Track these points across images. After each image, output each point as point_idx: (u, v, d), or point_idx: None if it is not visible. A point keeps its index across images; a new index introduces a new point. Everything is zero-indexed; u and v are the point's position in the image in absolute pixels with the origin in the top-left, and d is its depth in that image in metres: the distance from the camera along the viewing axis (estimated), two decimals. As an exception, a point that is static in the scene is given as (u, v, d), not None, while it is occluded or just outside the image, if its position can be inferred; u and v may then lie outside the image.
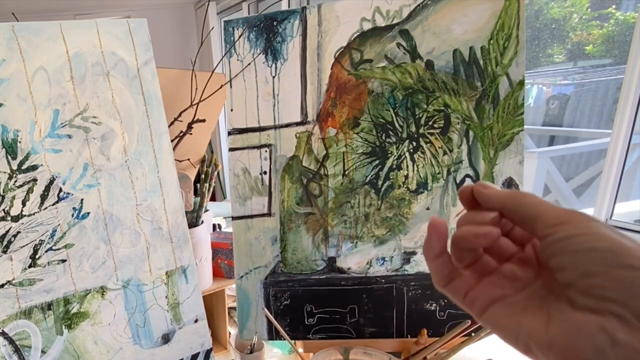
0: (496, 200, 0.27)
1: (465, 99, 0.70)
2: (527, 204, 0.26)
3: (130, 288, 0.69)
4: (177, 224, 0.71)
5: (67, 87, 0.63)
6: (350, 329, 0.77)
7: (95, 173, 0.65)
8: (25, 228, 0.62)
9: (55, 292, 0.65)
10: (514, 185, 0.70)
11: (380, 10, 0.70)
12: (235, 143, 0.76)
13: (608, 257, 0.21)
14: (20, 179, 0.62)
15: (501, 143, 0.70)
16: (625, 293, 0.21)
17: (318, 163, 0.74)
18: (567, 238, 0.23)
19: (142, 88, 0.68)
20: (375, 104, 0.72)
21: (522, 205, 0.26)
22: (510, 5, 0.66)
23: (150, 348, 0.70)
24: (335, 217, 0.75)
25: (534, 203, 0.26)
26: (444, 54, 0.69)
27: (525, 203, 0.26)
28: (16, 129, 0.61)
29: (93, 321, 0.67)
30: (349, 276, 0.76)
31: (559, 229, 0.24)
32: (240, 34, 0.74)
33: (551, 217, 0.25)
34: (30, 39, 0.61)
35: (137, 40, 0.67)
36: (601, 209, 1.67)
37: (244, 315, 0.79)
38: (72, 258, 0.65)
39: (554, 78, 2.66)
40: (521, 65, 0.67)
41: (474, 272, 0.28)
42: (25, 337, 0.63)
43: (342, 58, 0.72)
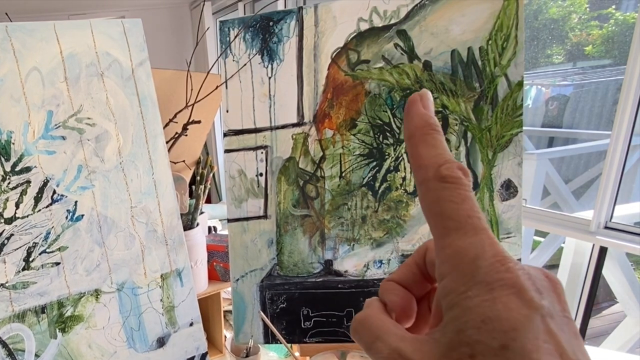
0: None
1: (464, 100, 0.69)
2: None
3: (124, 291, 0.68)
4: (172, 227, 0.70)
5: (61, 88, 0.63)
6: (347, 332, 0.76)
7: (90, 175, 0.65)
8: (18, 230, 0.62)
9: (49, 295, 0.64)
10: (512, 187, 0.70)
11: (377, 11, 0.69)
12: (231, 144, 0.75)
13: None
14: (13, 180, 0.61)
15: (500, 144, 0.69)
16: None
17: (315, 165, 0.74)
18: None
19: (137, 89, 0.67)
20: (372, 105, 0.71)
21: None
22: (508, 6, 0.66)
23: (145, 352, 0.70)
24: (332, 220, 0.74)
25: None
26: (442, 55, 0.69)
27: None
28: (9, 131, 0.60)
29: (87, 324, 0.66)
30: (345, 279, 0.75)
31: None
32: (236, 35, 0.73)
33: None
34: (23, 40, 0.61)
35: (132, 40, 0.66)
36: (601, 211, 1.67)
37: (239, 318, 0.78)
38: (66, 261, 0.64)
39: (553, 79, 2.66)
40: (520, 66, 0.67)
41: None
42: (18, 340, 0.63)
43: (339, 59, 0.71)
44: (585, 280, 1.85)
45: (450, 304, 0.19)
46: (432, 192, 0.21)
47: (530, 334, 0.17)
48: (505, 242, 0.71)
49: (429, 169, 0.22)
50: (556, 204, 2.52)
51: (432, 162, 0.22)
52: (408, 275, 0.25)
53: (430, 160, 0.22)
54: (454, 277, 0.20)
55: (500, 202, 0.70)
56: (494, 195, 0.70)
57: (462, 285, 0.19)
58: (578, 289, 1.89)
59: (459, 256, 0.20)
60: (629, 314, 2.05)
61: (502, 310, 0.17)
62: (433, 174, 0.21)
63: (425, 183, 0.22)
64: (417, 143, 0.22)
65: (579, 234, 1.75)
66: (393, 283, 0.25)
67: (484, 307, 0.18)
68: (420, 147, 0.22)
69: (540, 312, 0.17)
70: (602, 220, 1.68)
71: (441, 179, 0.21)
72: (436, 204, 0.21)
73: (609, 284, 2.05)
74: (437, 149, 0.22)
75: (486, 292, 0.18)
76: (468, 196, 0.21)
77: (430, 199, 0.21)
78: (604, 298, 2.56)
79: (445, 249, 0.20)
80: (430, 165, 0.22)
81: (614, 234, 1.64)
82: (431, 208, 0.21)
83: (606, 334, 2.20)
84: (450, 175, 0.21)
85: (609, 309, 2.65)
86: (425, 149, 0.22)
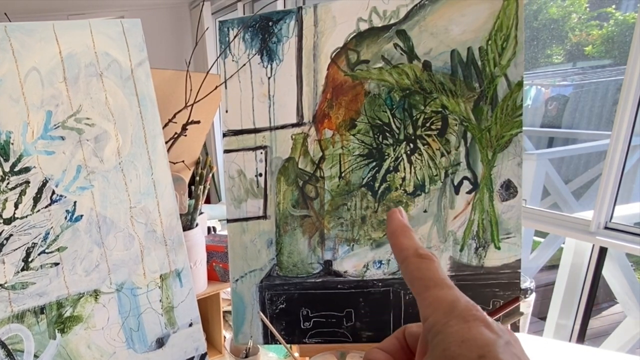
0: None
1: (463, 100, 0.69)
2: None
3: (124, 292, 0.68)
4: (172, 227, 0.70)
5: (60, 88, 0.63)
6: (347, 332, 0.76)
7: (89, 175, 0.65)
8: (17, 231, 0.62)
9: (48, 295, 0.64)
10: (512, 188, 0.70)
11: (377, 11, 0.69)
12: (230, 145, 0.75)
13: None
14: (12, 181, 0.61)
15: (499, 145, 0.69)
16: None
17: (314, 165, 0.74)
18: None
19: (136, 89, 0.67)
20: (372, 105, 0.71)
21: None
22: (508, 6, 0.66)
23: (144, 352, 0.69)
24: (332, 220, 0.74)
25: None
26: (442, 55, 0.69)
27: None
28: (8, 131, 0.60)
29: (86, 325, 0.66)
30: (345, 279, 0.75)
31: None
32: (235, 35, 0.73)
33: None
34: (22, 40, 0.60)
35: (131, 40, 0.66)
36: (601, 212, 1.66)
37: (239, 319, 0.78)
38: (65, 261, 0.64)
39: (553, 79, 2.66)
40: (520, 66, 0.67)
41: None
42: (17, 341, 0.63)
43: (338, 59, 0.71)
44: (585, 281, 1.85)
45: (435, 333, 0.25)
46: (414, 265, 0.29)
47: (500, 348, 0.23)
48: (505, 243, 0.71)
49: (409, 250, 0.29)
50: (556, 204, 2.52)
51: (411, 246, 0.30)
52: (391, 347, 0.32)
53: (409, 245, 0.30)
54: (436, 315, 0.26)
55: (500, 202, 0.70)
56: (493, 195, 0.70)
57: (443, 319, 0.25)
58: (578, 289, 1.89)
59: (440, 300, 0.27)
60: (629, 314, 2.05)
61: (476, 334, 0.24)
62: (412, 253, 0.29)
63: (407, 259, 0.29)
64: (399, 236, 0.31)
65: (578, 235, 1.75)
66: (379, 350, 0.32)
67: (462, 332, 0.24)
68: (401, 238, 0.31)
69: (504, 339, 0.24)
70: (602, 221, 1.68)
71: (419, 256, 0.29)
72: (418, 271, 0.28)
73: (608, 284, 2.05)
74: (413, 240, 0.30)
75: (463, 323, 0.25)
76: (440, 267, 0.29)
77: (412, 268, 0.29)
78: (604, 298, 2.56)
79: (427, 299, 0.27)
80: (409, 248, 0.30)
81: (614, 235, 1.64)
82: (414, 274, 0.29)
83: (606, 335, 2.20)
84: (425, 254, 0.29)
85: (608, 309, 2.65)
86: (405, 239, 0.30)
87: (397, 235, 0.31)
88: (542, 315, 2.20)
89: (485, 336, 0.24)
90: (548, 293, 2.08)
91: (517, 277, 0.71)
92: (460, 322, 0.25)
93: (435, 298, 0.27)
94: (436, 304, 0.27)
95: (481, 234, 0.71)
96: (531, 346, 0.88)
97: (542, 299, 2.13)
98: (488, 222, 0.71)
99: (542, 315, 2.18)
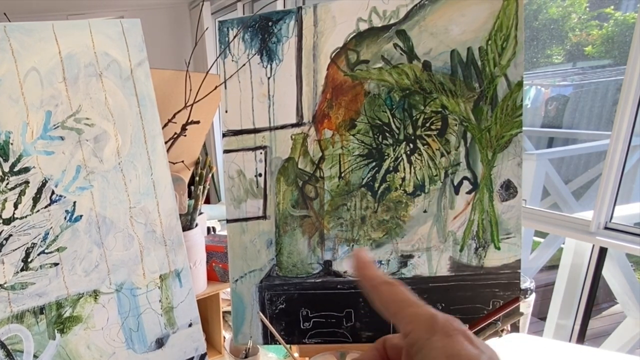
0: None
1: (463, 100, 0.69)
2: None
3: (123, 292, 0.68)
4: (171, 227, 0.70)
5: (59, 88, 0.62)
6: (347, 333, 0.76)
7: (88, 175, 0.65)
8: (17, 231, 0.62)
9: (47, 296, 0.64)
10: (512, 188, 0.70)
11: (376, 11, 0.69)
12: (230, 145, 0.75)
13: None
14: (12, 181, 0.61)
15: (499, 145, 0.69)
16: None
17: (314, 165, 0.74)
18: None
19: (136, 89, 0.67)
20: (371, 105, 0.71)
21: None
22: (508, 6, 0.66)
23: (144, 353, 0.69)
24: (331, 220, 0.74)
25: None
26: (442, 55, 0.68)
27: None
28: (8, 131, 0.60)
29: (86, 325, 0.66)
30: (345, 280, 0.75)
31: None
32: (235, 35, 0.73)
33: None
34: (22, 40, 0.60)
35: (131, 40, 0.66)
36: (601, 212, 1.66)
37: (238, 319, 0.78)
38: (65, 261, 0.64)
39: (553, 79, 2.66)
40: (519, 66, 0.67)
41: None
42: (17, 341, 0.63)
43: (338, 59, 0.71)
44: (585, 281, 1.84)
45: (419, 348, 0.26)
46: (384, 290, 0.31)
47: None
48: (505, 243, 0.71)
49: (378, 279, 0.31)
50: (556, 205, 2.52)
51: (378, 276, 0.32)
52: (371, 358, 0.33)
53: (377, 275, 0.32)
54: (417, 331, 0.27)
55: (500, 202, 0.70)
56: (493, 195, 0.70)
57: (425, 334, 0.26)
58: (578, 289, 1.89)
59: (418, 317, 0.28)
60: (629, 314, 2.05)
61: (461, 349, 0.25)
62: (380, 281, 0.31)
63: (378, 287, 0.31)
64: (366, 268, 0.32)
65: (578, 235, 1.75)
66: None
67: (446, 347, 0.25)
68: (368, 270, 0.32)
69: (487, 354, 0.25)
70: (602, 221, 1.67)
71: (387, 283, 0.31)
72: (390, 295, 0.30)
73: (608, 284, 2.05)
74: (379, 271, 0.32)
75: (446, 338, 0.26)
76: (407, 290, 0.30)
77: (385, 294, 0.30)
78: (604, 299, 2.56)
79: (406, 317, 0.28)
80: (377, 277, 0.31)
81: (614, 235, 1.64)
82: (387, 298, 0.30)
83: (606, 335, 2.20)
84: (392, 281, 0.31)
85: (608, 309, 2.65)
86: (371, 270, 0.32)
87: (364, 268, 0.33)
88: (542, 316, 2.20)
89: (469, 352, 0.25)
90: (548, 293, 2.08)
91: (517, 277, 0.71)
92: (444, 338, 0.26)
93: (414, 315, 0.28)
94: (416, 321, 0.28)
95: (481, 234, 0.71)
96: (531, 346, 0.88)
97: (542, 299, 2.13)
98: (488, 222, 0.71)
99: (542, 315, 2.18)
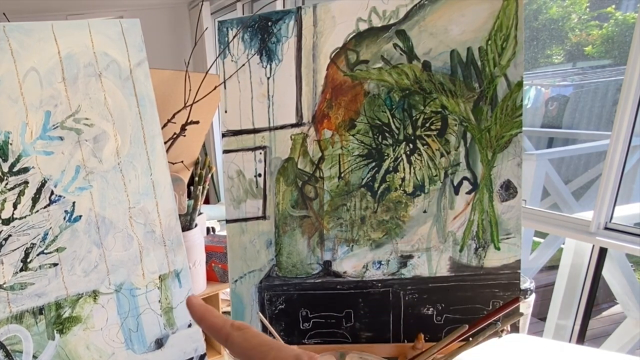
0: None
1: (463, 101, 0.69)
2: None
3: (122, 292, 0.68)
4: (171, 227, 0.70)
5: (58, 89, 0.62)
6: (346, 333, 0.76)
7: (88, 175, 0.65)
8: (16, 231, 0.61)
9: (46, 296, 0.64)
10: (512, 188, 0.70)
11: (376, 11, 0.69)
12: (229, 145, 0.75)
13: None
14: (11, 181, 0.61)
15: (499, 145, 0.69)
16: None
17: (313, 165, 0.73)
18: None
19: (135, 89, 0.67)
20: (371, 105, 0.71)
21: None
22: (508, 6, 0.66)
23: (143, 353, 0.69)
24: (331, 220, 0.74)
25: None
26: (442, 55, 0.68)
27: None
28: (7, 131, 0.60)
29: (85, 326, 0.66)
30: (344, 280, 0.75)
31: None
32: (235, 35, 0.73)
33: None
34: (21, 40, 0.60)
35: (130, 40, 0.66)
36: (600, 212, 1.66)
37: (238, 319, 0.78)
38: (64, 262, 0.64)
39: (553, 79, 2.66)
40: (519, 66, 0.67)
41: None
42: (16, 342, 0.62)
43: (337, 59, 0.71)
44: (585, 281, 1.85)
45: None
46: (239, 337, 0.30)
47: None
48: (505, 243, 0.71)
49: (225, 328, 0.31)
50: (556, 205, 2.52)
51: (223, 324, 0.31)
52: None
53: (223, 322, 0.31)
54: None
55: (499, 202, 0.70)
56: (493, 195, 0.70)
57: None
58: (578, 290, 1.89)
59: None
60: (629, 315, 2.05)
61: None
62: (231, 329, 0.30)
63: (230, 337, 0.30)
64: (207, 318, 0.32)
65: (578, 235, 1.75)
66: None
67: None
68: (211, 320, 0.32)
69: None
70: (602, 221, 1.67)
71: (238, 328, 0.30)
72: (246, 342, 0.30)
73: (608, 285, 2.05)
74: (221, 318, 0.32)
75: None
76: (260, 332, 0.31)
77: (240, 341, 0.30)
78: (604, 299, 2.56)
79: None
80: (225, 325, 0.31)
81: (614, 235, 1.64)
82: (244, 346, 0.30)
83: (606, 335, 2.20)
84: (242, 325, 0.31)
85: (608, 310, 2.65)
86: (215, 319, 0.32)
87: (207, 318, 0.32)
88: (542, 316, 2.20)
89: None
90: (548, 294, 2.08)
91: (516, 278, 0.71)
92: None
93: (279, 359, 0.28)
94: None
95: (481, 235, 0.71)
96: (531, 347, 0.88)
97: (542, 300, 2.13)
98: (488, 222, 0.71)
99: (542, 315, 2.18)
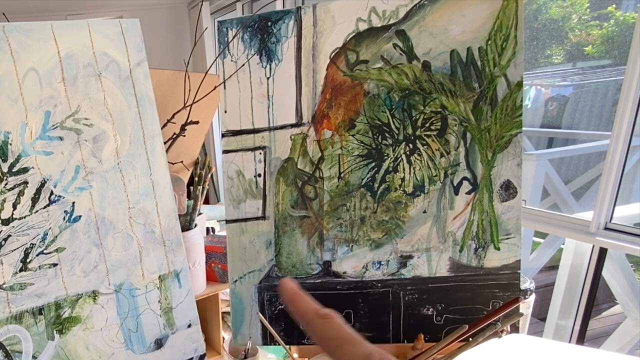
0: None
1: (463, 101, 0.69)
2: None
3: (122, 292, 0.68)
4: (170, 228, 0.70)
5: (58, 89, 0.62)
6: (346, 333, 0.76)
7: (87, 176, 0.65)
8: (16, 231, 0.61)
9: (46, 296, 0.64)
10: (512, 188, 0.69)
11: (376, 11, 0.69)
12: (229, 145, 0.75)
13: None
14: (10, 181, 0.61)
15: (499, 145, 0.69)
16: None
17: (313, 165, 0.73)
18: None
19: (135, 89, 0.67)
20: (371, 105, 0.71)
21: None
22: (508, 6, 0.65)
23: (143, 353, 0.69)
24: (331, 221, 0.74)
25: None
26: (441, 55, 0.68)
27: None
28: (7, 131, 0.60)
29: (85, 326, 0.66)
30: (344, 280, 0.75)
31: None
32: (234, 35, 0.73)
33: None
34: (21, 40, 0.60)
35: (130, 40, 0.66)
36: (600, 212, 1.66)
37: (237, 320, 0.78)
38: (64, 262, 0.64)
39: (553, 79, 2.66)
40: (519, 66, 0.67)
41: None
42: (16, 342, 0.62)
43: (337, 59, 0.71)
44: (585, 282, 1.84)
45: None
46: (320, 326, 0.31)
47: None
48: (505, 243, 0.71)
49: (310, 313, 0.32)
50: (556, 205, 2.52)
51: (311, 309, 0.32)
52: None
53: (309, 308, 0.32)
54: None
55: (499, 203, 0.70)
56: (493, 196, 0.70)
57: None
58: (578, 290, 1.89)
59: (354, 357, 0.28)
60: (629, 315, 2.05)
61: None
62: (314, 315, 0.32)
63: (312, 322, 0.32)
64: (297, 302, 0.33)
65: (578, 235, 1.75)
66: None
67: None
68: (299, 304, 0.33)
69: None
70: (602, 221, 1.67)
71: (321, 316, 0.31)
72: (325, 332, 0.31)
73: (608, 285, 2.05)
74: (310, 303, 0.33)
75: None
76: (343, 323, 0.31)
77: (319, 330, 0.31)
78: (604, 299, 2.56)
79: (342, 357, 0.29)
80: (310, 311, 0.32)
81: (614, 235, 1.64)
82: (322, 335, 0.31)
83: (606, 336, 2.20)
84: (326, 313, 0.31)
85: (608, 310, 2.65)
86: (303, 304, 0.33)
87: (295, 302, 0.33)
88: (541, 316, 2.20)
89: None
90: (548, 294, 2.08)
91: (516, 278, 0.71)
92: None
93: (350, 355, 0.29)
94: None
95: (481, 235, 0.71)
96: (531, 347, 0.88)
97: (541, 300, 2.13)
98: (488, 222, 0.71)
99: (542, 316, 2.18)
